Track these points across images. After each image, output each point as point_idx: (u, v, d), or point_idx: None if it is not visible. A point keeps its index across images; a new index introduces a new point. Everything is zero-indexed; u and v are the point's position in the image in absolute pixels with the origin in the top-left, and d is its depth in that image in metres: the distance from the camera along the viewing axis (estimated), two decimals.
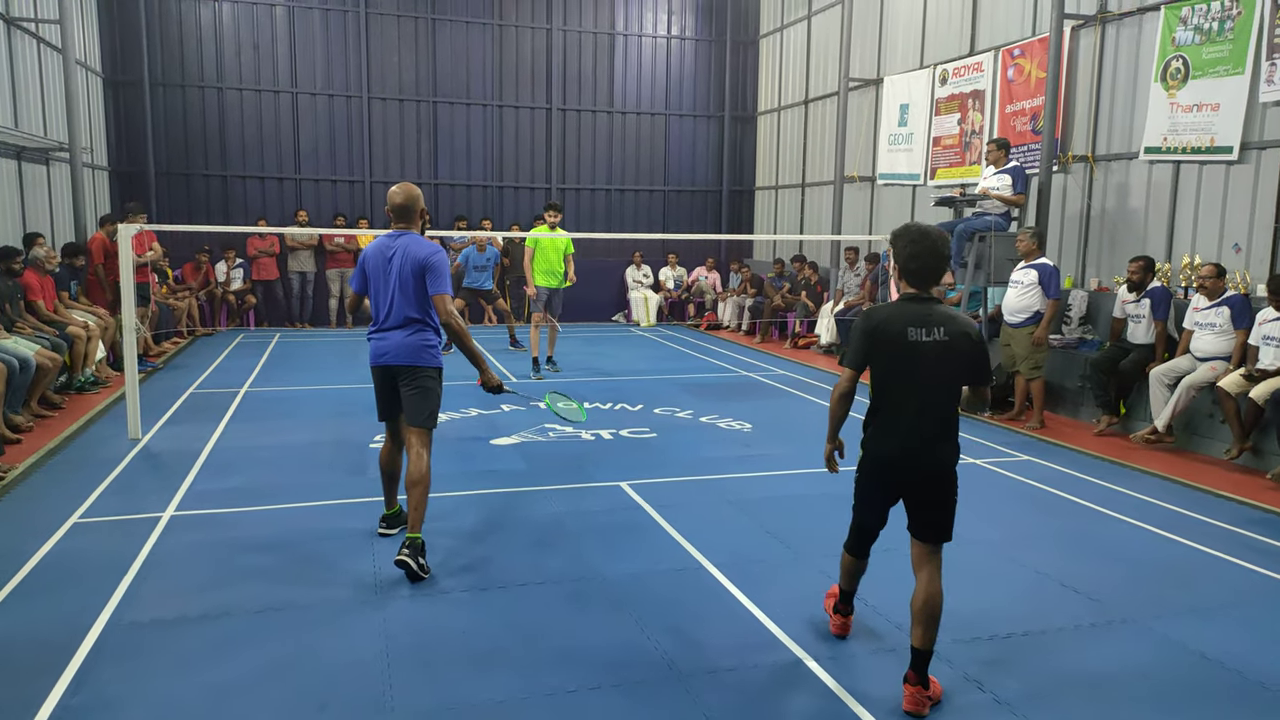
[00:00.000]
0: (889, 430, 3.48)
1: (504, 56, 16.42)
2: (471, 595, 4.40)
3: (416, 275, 4.58)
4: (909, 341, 3.36)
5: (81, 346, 8.93)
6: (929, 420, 3.41)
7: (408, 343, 4.65)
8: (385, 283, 4.65)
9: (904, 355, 3.37)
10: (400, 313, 4.64)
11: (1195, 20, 8.42)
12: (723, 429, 8.06)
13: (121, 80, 14.60)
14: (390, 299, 4.65)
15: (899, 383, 3.42)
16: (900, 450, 3.45)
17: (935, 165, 12.36)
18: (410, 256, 4.58)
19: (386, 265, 4.63)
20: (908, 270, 3.47)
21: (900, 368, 3.40)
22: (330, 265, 14.85)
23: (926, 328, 3.36)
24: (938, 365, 3.37)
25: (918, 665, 3.39)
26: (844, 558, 3.91)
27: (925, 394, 3.39)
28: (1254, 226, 8.04)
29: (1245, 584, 4.74)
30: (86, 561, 4.73)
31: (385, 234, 4.76)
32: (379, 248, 4.69)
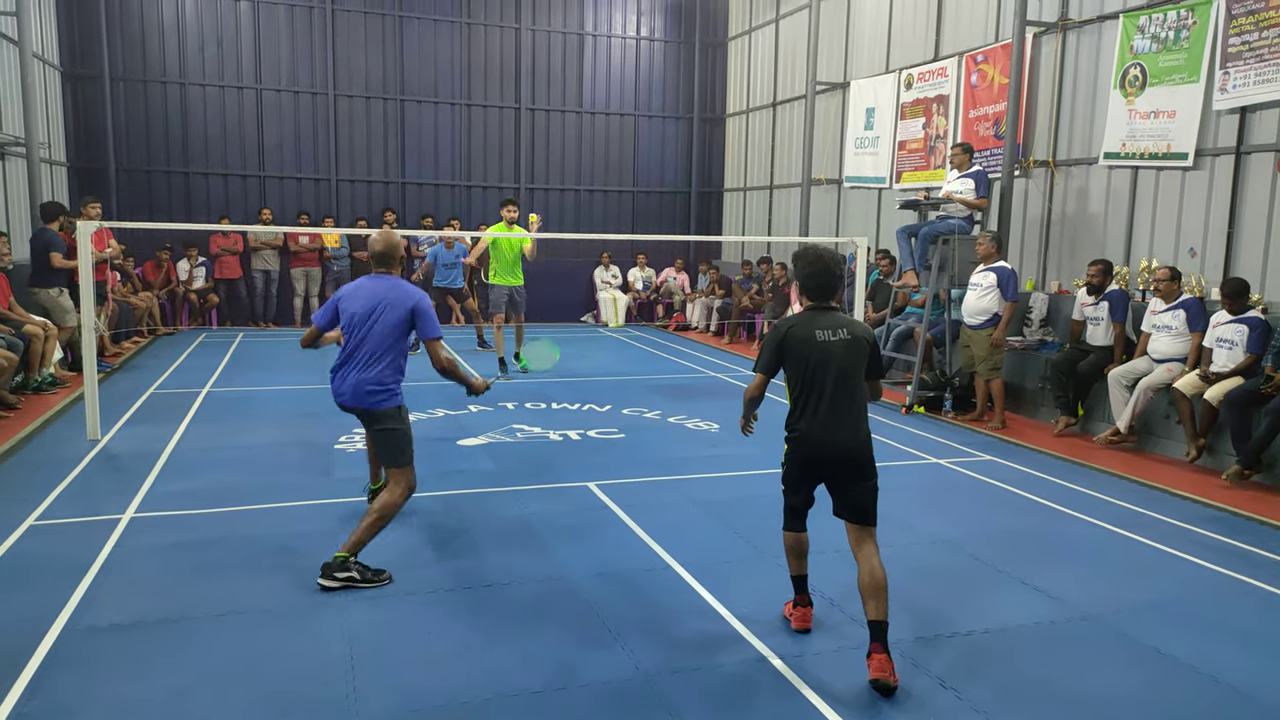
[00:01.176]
0: (810, 419, 3.83)
1: (472, 55, 16.34)
2: (437, 596, 4.38)
3: (403, 322, 4.62)
4: (819, 341, 3.82)
5: (39, 346, 8.76)
6: (844, 407, 3.80)
7: (362, 385, 4.61)
8: (362, 325, 4.62)
9: (816, 352, 3.80)
10: (367, 355, 4.61)
11: (1152, 29, 8.59)
12: (690, 429, 8.09)
13: (81, 74, 14.32)
14: (361, 341, 4.62)
15: (815, 376, 3.81)
16: (821, 434, 3.81)
17: (901, 168, 12.49)
18: (398, 304, 4.61)
19: (369, 309, 4.61)
20: (807, 288, 3.96)
21: (814, 363, 3.80)
22: (295, 264, 14.68)
23: (832, 329, 3.84)
24: (845, 357, 3.81)
25: (878, 635, 3.63)
26: (785, 538, 4.11)
27: (839, 384, 3.80)
28: (1208, 231, 8.22)
29: (1200, 581, 4.85)
30: (43, 565, 4.65)
31: (367, 277, 4.77)
32: (361, 291, 4.68)
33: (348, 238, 14.87)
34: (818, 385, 3.80)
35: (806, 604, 4.10)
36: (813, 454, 3.87)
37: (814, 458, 3.88)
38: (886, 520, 5.59)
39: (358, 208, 15.98)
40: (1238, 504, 6.19)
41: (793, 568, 4.12)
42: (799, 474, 3.97)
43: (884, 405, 9.40)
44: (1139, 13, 8.74)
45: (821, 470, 3.91)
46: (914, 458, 7.34)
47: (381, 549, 4.96)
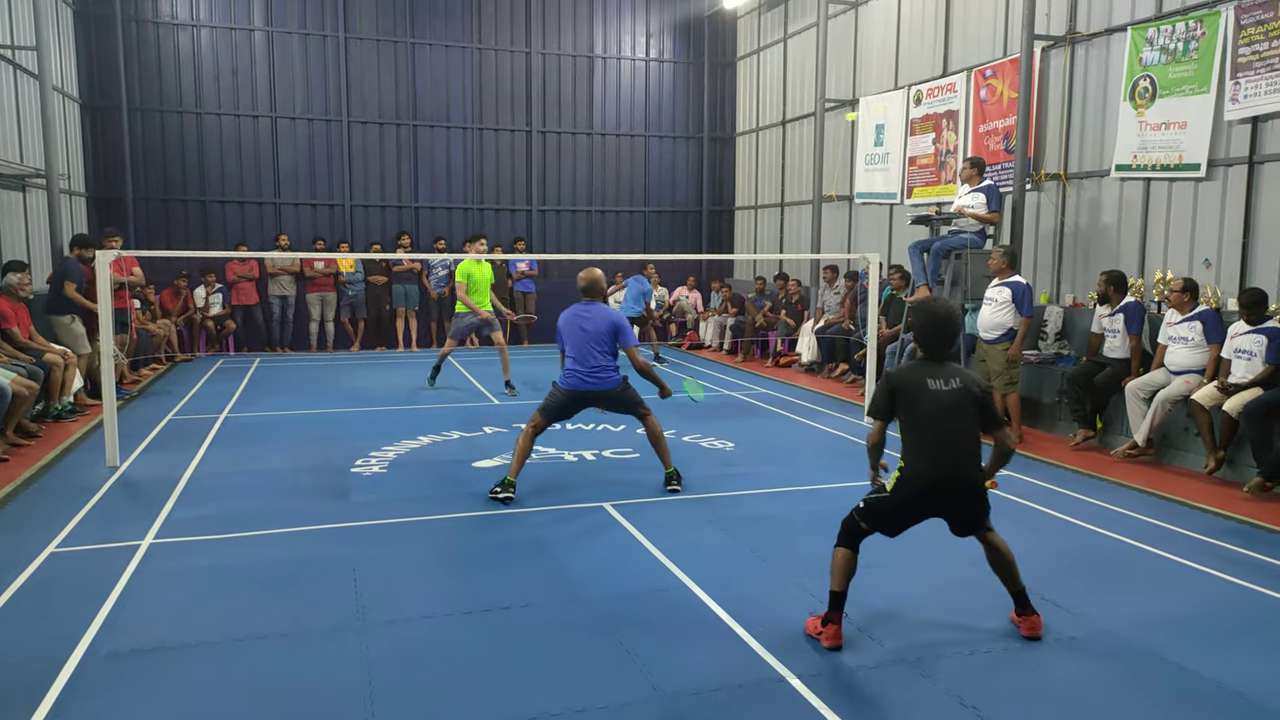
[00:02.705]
0: (921, 459, 4.03)
1: (483, 80, 16.52)
2: (454, 619, 4.38)
3: (609, 334, 6.40)
4: (931, 390, 4.05)
5: (59, 374, 8.86)
6: (954, 450, 4.02)
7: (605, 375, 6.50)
8: (578, 337, 6.43)
9: (927, 400, 4.04)
10: (594, 359, 6.42)
11: (1161, 41, 8.60)
12: (705, 448, 8.08)
13: (99, 106, 14.57)
14: (582, 348, 6.42)
15: (926, 422, 4.05)
16: (934, 473, 4.02)
17: (911, 184, 12.51)
18: (603, 319, 6.43)
19: (580, 328, 6.42)
20: (924, 341, 4.18)
21: (925, 409, 4.04)
22: (310, 290, 14.80)
23: (944, 379, 4.08)
24: (955, 406, 4.04)
25: (1021, 602, 4.17)
26: (839, 555, 4.17)
27: (949, 429, 4.03)
28: (1223, 241, 8.19)
29: (1222, 595, 4.80)
30: (64, 591, 4.69)
31: (578, 305, 6.55)
32: (573, 313, 6.53)
33: (362, 262, 14.99)
34: (929, 430, 4.02)
35: (839, 621, 4.10)
36: (922, 491, 4.04)
37: (923, 495, 4.05)
38: (902, 538, 5.57)
39: (372, 232, 16.12)
40: (1259, 516, 6.12)
41: (837, 584, 4.13)
42: (902, 508, 4.11)
43: None
44: (1147, 25, 8.75)
45: (928, 508, 4.10)
46: None
47: (395, 570, 4.98)
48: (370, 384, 11.58)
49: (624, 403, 6.61)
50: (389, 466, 7.33)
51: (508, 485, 6.30)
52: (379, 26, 15.85)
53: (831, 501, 6.46)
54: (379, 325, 15.45)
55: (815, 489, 6.80)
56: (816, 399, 10.81)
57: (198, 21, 14.98)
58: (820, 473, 7.26)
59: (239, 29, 15.18)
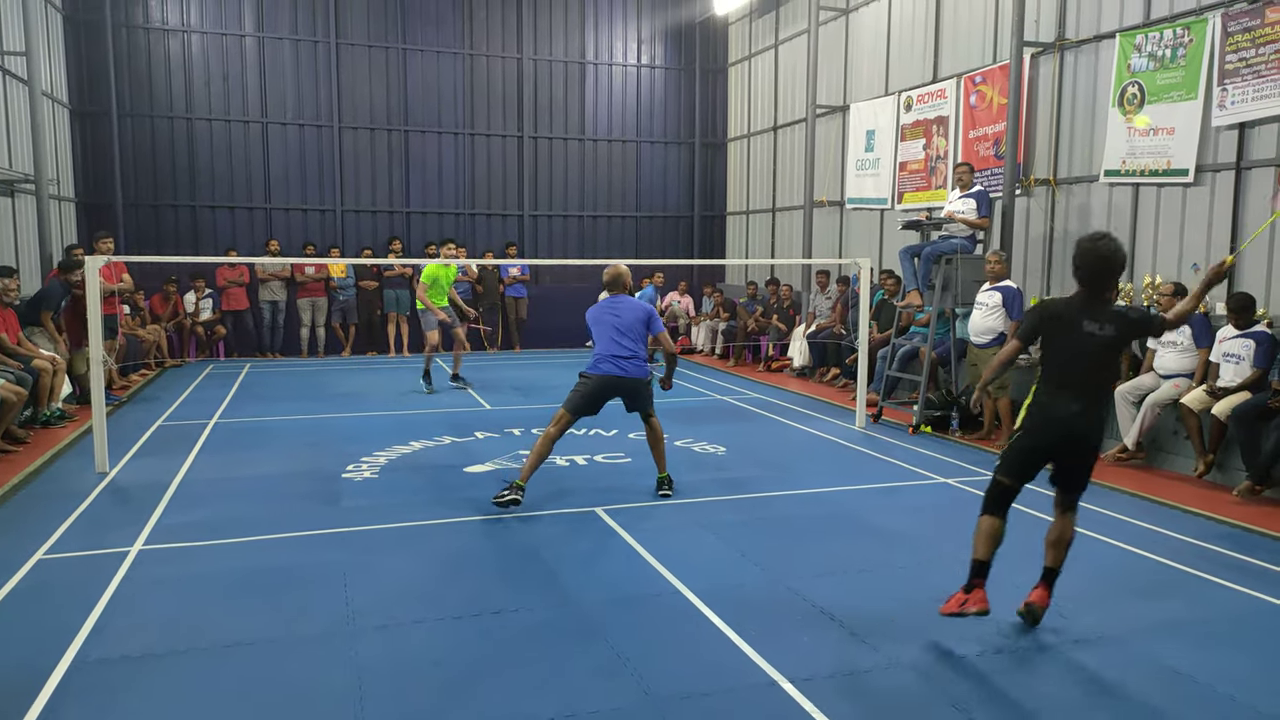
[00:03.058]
0: (1054, 400, 4.05)
1: (475, 85, 16.52)
2: (445, 624, 4.37)
3: (642, 321, 6.49)
4: (1084, 331, 4.04)
5: (48, 380, 8.81)
6: (1092, 394, 4.06)
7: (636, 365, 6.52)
8: (610, 327, 6.47)
9: (1077, 341, 4.04)
10: (625, 347, 6.43)
11: (1149, 48, 8.66)
12: (697, 452, 8.08)
13: (89, 111, 14.51)
14: (614, 337, 6.44)
15: (1071, 363, 4.05)
16: (1065, 416, 4.04)
17: (902, 189, 12.55)
18: (632, 310, 6.53)
19: (613, 315, 6.49)
20: (1079, 276, 4.19)
21: (1071, 350, 4.04)
22: (301, 295, 14.77)
23: (1100, 323, 4.05)
24: (1105, 351, 4.07)
25: (1049, 578, 4.27)
26: (984, 523, 4.19)
27: (1091, 373, 4.07)
28: (1211, 246, 8.24)
29: (1213, 598, 4.82)
30: (53, 597, 4.66)
31: (607, 299, 6.69)
32: (602, 306, 6.63)
33: (353, 268, 14.96)
34: (1071, 371, 4.02)
35: (983, 586, 4.11)
36: (1052, 435, 4.07)
37: (1052, 438, 4.08)
38: (895, 541, 5.57)
39: (363, 238, 16.09)
40: (1249, 519, 6.15)
41: (981, 552, 4.13)
42: (1031, 451, 4.14)
43: (890, 426, 9.40)
44: (1135, 31, 8.81)
45: (1054, 450, 4.15)
46: (922, 477, 7.32)
47: (386, 575, 4.97)
48: (361, 389, 11.55)
49: (643, 398, 6.57)
50: (380, 471, 7.31)
51: (516, 488, 6.16)
52: (370, 32, 15.84)
53: (823, 505, 6.48)
54: (370, 330, 15.42)
55: (807, 493, 6.80)
56: (808, 403, 10.83)
57: (188, 27, 14.95)
58: (812, 477, 7.27)
59: (229, 34, 15.15)
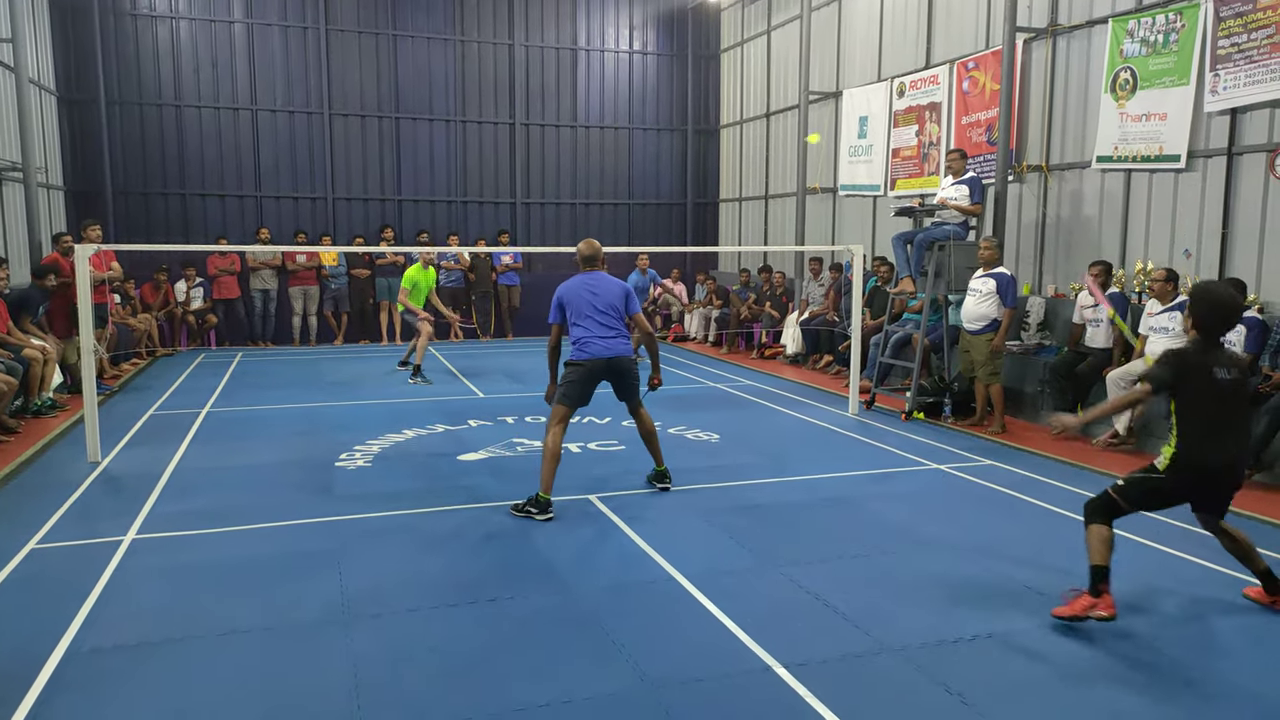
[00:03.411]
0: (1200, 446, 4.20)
1: (466, 72, 16.43)
2: (440, 612, 4.37)
3: (620, 299, 6.19)
4: (1218, 378, 4.17)
5: (38, 369, 8.77)
6: (1232, 435, 4.22)
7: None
8: (588, 306, 6.13)
9: (1213, 386, 4.17)
10: (608, 326, 6.13)
11: (1141, 33, 8.65)
12: (690, 440, 8.09)
13: (77, 99, 14.40)
14: (594, 317, 6.12)
15: (1209, 408, 4.19)
16: (1213, 460, 4.20)
17: (895, 176, 12.55)
18: (610, 287, 6.22)
19: (591, 294, 6.15)
20: (1205, 325, 4.25)
21: (1210, 395, 4.18)
22: (293, 283, 14.70)
23: (1227, 368, 4.21)
24: (1236, 394, 4.22)
25: (1270, 581, 4.42)
26: (1096, 531, 4.27)
27: (1228, 414, 4.23)
28: (1203, 232, 8.26)
29: (1207, 582, 4.85)
30: (45, 587, 4.65)
31: (582, 274, 6.31)
32: (578, 282, 6.23)
33: (345, 256, 14.91)
34: (1214, 417, 4.17)
35: (1109, 590, 4.16)
36: (1200, 477, 4.25)
37: (1199, 481, 4.26)
38: (888, 527, 5.60)
39: (354, 226, 16.03)
40: (1239, 504, 6.12)
41: (1100, 558, 4.21)
42: (1175, 490, 4.31)
43: (883, 412, 9.42)
44: (1128, 17, 8.80)
45: (1195, 494, 4.33)
46: (914, 464, 7.35)
47: (380, 563, 4.97)
48: (354, 378, 11.53)
49: (631, 380, 6.23)
50: (373, 460, 7.30)
51: (545, 505, 5.75)
52: (360, 19, 15.73)
53: (816, 492, 6.50)
54: (362, 319, 15.38)
55: (800, 480, 6.82)
56: (801, 390, 10.85)
57: (176, 13, 14.83)
58: (805, 463, 7.29)
59: (218, 21, 15.03)
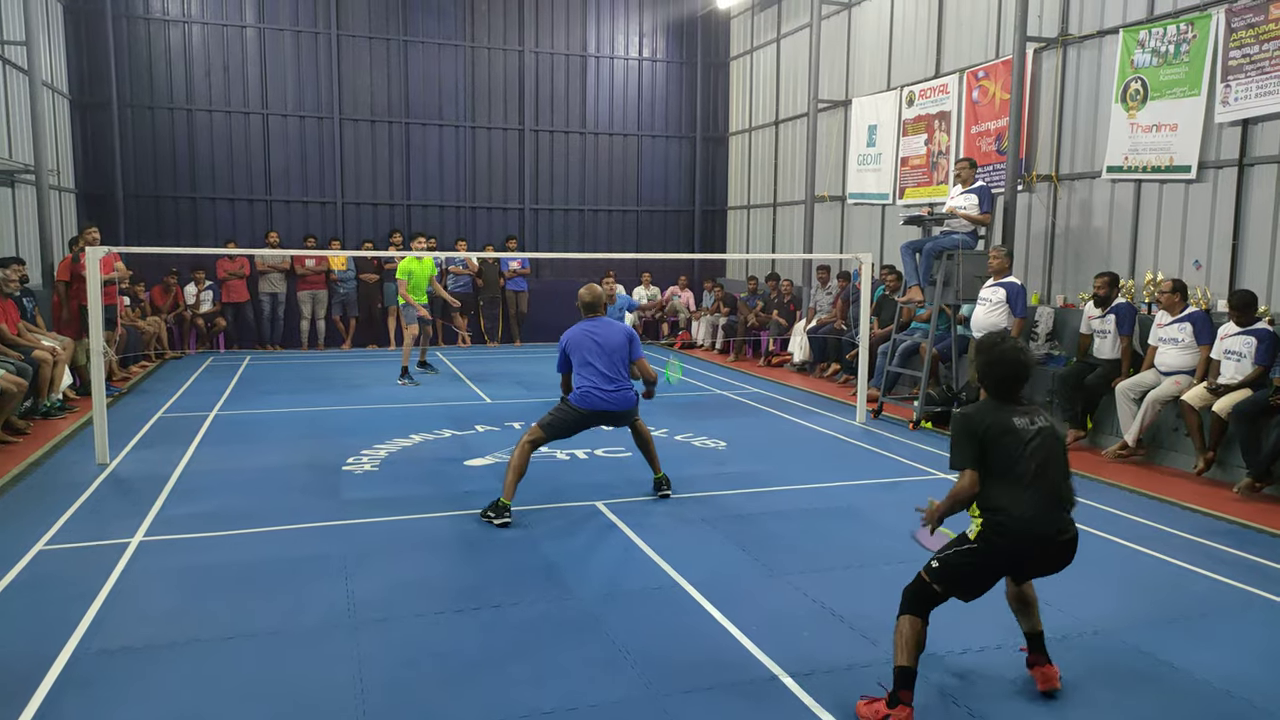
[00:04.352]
0: (1015, 508, 3.47)
1: (476, 78, 16.49)
2: (445, 617, 4.37)
3: (624, 346, 6.23)
4: (1018, 429, 3.50)
5: (48, 371, 8.80)
6: (1049, 497, 3.51)
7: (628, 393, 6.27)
8: (592, 354, 6.12)
9: (1019, 442, 3.49)
10: (609, 377, 6.13)
11: (1153, 43, 8.63)
12: (697, 447, 8.08)
13: (89, 102, 14.48)
14: (596, 365, 6.11)
15: (1018, 466, 3.48)
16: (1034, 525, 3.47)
17: (904, 185, 12.53)
18: (614, 333, 6.22)
19: (594, 342, 6.14)
20: (993, 381, 3.63)
21: (1017, 453, 3.48)
22: (301, 287, 14.75)
23: (1030, 417, 3.54)
24: (1044, 446, 3.51)
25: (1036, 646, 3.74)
26: (905, 623, 3.52)
27: (1042, 473, 3.50)
28: (1213, 243, 8.23)
29: (1212, 594, 4.82)
30: (53, 588, 4.65)
31: (585, 321, 6.29)
32: (581, 330, 6.22)
33: (354, 260, 14.95)
34: (1024, 475, 3.46)
35: (910, 702, 3.39)
36: (1019, 545, 3.50)
37: (1020, 549, 3.52)
38: (895, 536, 5.58)
39: (364, 230, 16.08)
40: (1249, 516, 6.16)
41: (904, 658, 3.44)
42: (992, 565, 3.56)
43: (890, 421, 9.40)
44: (1139, 27, 8.79)
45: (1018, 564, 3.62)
46: (922, 473, 7.32)
47: (387, 568, 4.97)
48: (361, 382, 11.55)
49: (627, 419, 6.37)
50: (380, 464, 7.31)
51: (503, 509, 5.75)
52: (371, 24, 15.80)
53: (823, 500, 6.48)
54: (370, 323, 15.41)
55: (808, 488, 6.81)
56: (809, 398, 10.83)
57: (189, 18, 14.91)
58: (812, 471, 7.27)
59: (230, 25, 15.11)
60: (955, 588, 3.55)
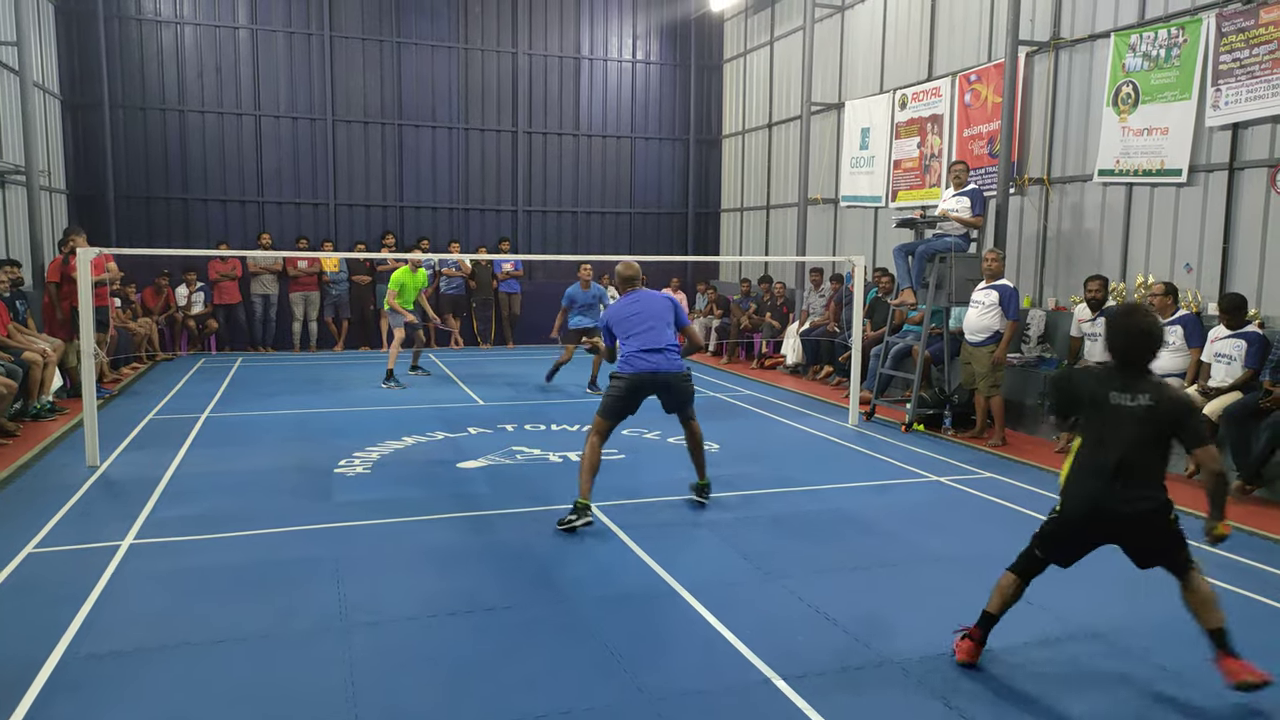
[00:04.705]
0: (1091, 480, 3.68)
1: (469, 80, 16.47)
2: (438, 620, 4.36)
3: (669, 311, 6.12)
4: (1112, 404, 3.64)
5: (38, 373, 8.76)
6: (1118, 469, 3.62)
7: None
8: (633, 324, 6.02)
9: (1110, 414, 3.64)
10: (656, 340, 5.99)
11: (1144, 47, 8.68)
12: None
13: (80, 103, 14.42)
14: (639, 333, 5.99)
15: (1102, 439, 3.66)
16: (1093, 496, 3.67)
17: (896, 188, 12.57)
18: (655, 301, 6.14)
19: (634, 313, 6.04)
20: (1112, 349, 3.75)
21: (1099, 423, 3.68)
22: (294, 289, 14.70)
23: (1133, 394, 3.63)
24: (1138, 427, 3.61)
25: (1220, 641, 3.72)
26: (1004, 578, 3.93)
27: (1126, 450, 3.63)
28: (1204, 247, 8.27)
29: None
30: (42, 592, 4.63)
31: (625, 296, 6.23)
32: (621, 304, 6.15)
33: (346, 262, 14.91)
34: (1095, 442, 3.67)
35: (979, 640, 3.90)
36: (1077, 514, 3.72)
37: (1080, 518, 3.73)
38: (888, 539, 5.60)
39: (356, 232, 16.04)
40: (1239, 519, 6.16)
41: (992, 605, 3.90)
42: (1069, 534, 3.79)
43: (883, 424, 9.41)
44: (1130, 31, 8.83)
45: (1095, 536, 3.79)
46: (914, 475, 7.33)
47: (378, 571, 4.95)
48: (354, 384, 11.52)
49: (683, 394, 6.15)
50: (372, 467, 7.29)
51: (582, 509, 5.64)
52: (364, 25, 15.78)
53: (816, 503, 6.48)
54: (363, 325, 15.38)
55: (801, 490, 6.81)
56: (801, 401, 10.84)
57: (181, 18, 14.87)
58: (806, 474, 7.27)
59: (223, 26, 15.07)
60: (1049, 550, 3.85)
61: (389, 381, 11.23)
